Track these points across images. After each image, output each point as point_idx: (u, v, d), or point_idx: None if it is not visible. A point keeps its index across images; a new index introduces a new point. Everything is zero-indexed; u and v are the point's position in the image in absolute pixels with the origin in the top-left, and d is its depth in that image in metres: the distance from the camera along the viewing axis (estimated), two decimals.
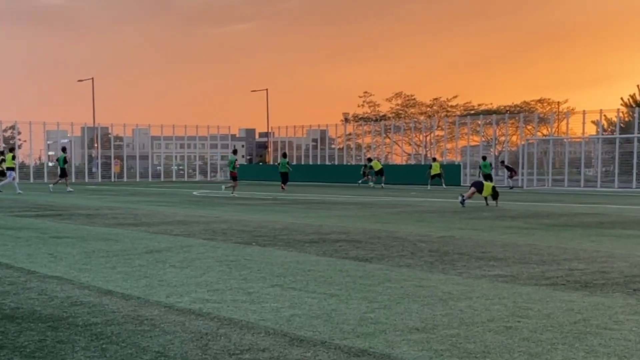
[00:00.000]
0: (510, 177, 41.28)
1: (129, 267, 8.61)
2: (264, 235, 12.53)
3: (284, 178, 36.85)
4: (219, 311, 6.07)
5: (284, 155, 39.87)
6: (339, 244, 11.17)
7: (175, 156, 65.38)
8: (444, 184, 40.71)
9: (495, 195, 21.49)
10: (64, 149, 35.16)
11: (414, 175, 46.48)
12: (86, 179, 54.70)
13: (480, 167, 37.22)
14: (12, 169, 31.27)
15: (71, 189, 32.70)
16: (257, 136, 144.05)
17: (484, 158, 37.54)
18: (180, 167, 65.09)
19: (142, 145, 65.35)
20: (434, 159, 44.72)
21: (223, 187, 33.80)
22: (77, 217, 17.04)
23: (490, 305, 6.34)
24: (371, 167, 42.30)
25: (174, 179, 60.68)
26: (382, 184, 41.05)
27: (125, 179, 55.42)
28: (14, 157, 32.10)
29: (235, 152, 33.23)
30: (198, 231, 13.24)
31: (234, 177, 31.41)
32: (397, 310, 6.12)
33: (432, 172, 41.11)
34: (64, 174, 33.70)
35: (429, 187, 39.81)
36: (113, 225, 14.68)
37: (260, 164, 71.68)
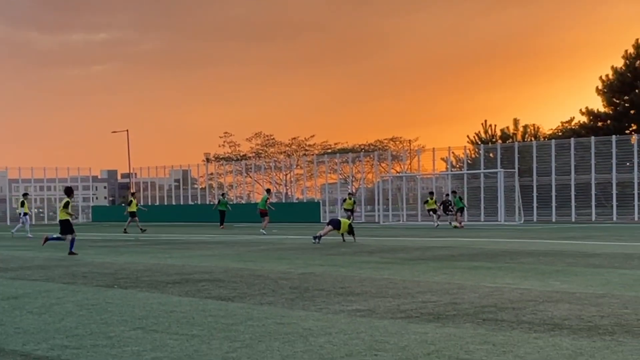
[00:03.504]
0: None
1: None
2: (126, 277, 12.33)
3: (222, 217, 38.80)
4: (78, 357, 5.97)
5: (223, 195, 41.86)
6: (202, 283, 11.17)
7: (35, 199, 62.78)
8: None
9: (351, 231, 22.12)
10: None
11: (275, 213, 46.75)
12: None
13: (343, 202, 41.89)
14: None
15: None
16: (119, 177, 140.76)
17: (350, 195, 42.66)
18: (40, 210, 62.73)
19: (0, 188, 62.51)
20: (431, 193, 39.49)
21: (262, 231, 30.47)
22: None
23: (349, 340, 6.56)
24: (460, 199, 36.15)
25: (33, 222, 58.11)
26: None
27: None
28: None
29: (268, 191, 35.99)
30: (58, 275, 12.85)
31: (263, 214, 31.62)
32: (259, 348, 6.24)
33: (428, 207, 37.56)
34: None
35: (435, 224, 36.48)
36: None
37: (123, 204, 69.91)
